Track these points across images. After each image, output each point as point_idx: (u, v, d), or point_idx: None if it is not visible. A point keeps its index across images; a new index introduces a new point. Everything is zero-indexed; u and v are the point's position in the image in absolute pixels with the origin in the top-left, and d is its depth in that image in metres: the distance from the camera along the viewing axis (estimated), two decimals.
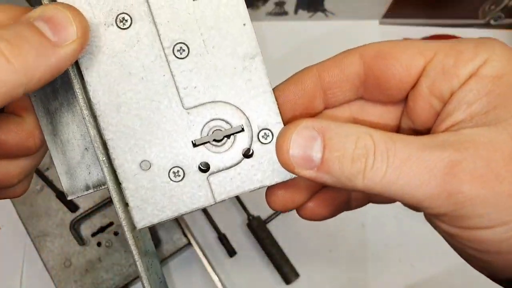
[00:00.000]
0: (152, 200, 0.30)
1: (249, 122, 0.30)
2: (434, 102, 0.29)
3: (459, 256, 0.35)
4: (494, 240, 0.26)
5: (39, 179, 0.67)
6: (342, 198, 0.36)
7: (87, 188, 0.33)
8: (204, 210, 0.71)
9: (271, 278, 0.70)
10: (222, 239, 0.70)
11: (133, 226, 0.30)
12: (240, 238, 0.71)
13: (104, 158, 0.29)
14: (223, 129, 0.30)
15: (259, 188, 0.30)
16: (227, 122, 0.30)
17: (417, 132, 0.31)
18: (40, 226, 0.66)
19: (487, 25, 0.78)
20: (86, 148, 0.33)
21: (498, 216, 0.25)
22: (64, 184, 0.33)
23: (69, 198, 0.33)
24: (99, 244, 0.66)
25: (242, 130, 0.30)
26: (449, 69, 0.28)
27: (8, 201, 0.67)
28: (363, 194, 0.36)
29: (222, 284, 0.65)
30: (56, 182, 0.67)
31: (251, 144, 0.30)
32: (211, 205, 0.30)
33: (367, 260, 0.71)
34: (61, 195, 0.67)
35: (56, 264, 0.65)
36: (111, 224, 0.66)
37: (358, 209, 0.37)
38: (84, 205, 0.67)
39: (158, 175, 0.30)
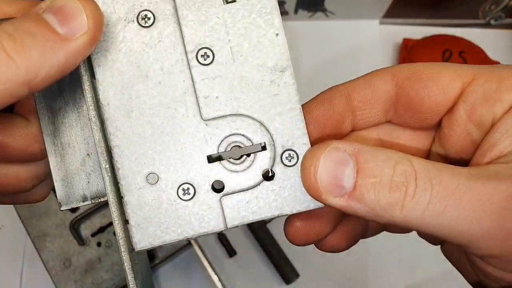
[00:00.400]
0: (155, 219, 0.27)
1: (273, 140, 0.27)
2: (472, 129, 0.27)
3: None
4: None
5: None
6: (361, 228, 0.33)
7: (84, 199, 0.30)
8: None
9: (271, 278, 0.69)
10: (222, 239, 0.70)
11: (131, 247, 0.27)
12: (240, 238, 0.71)
13: (107, 166, 0.26)
14: (242, 146, 0.27)
15: (278, 216, 0.27)
16: (248, 139, 0.27)
17: (449, 161, 0.29)
18: (40, 226, 0.66)
19: (487, 25, 0.78)
20: (88, 154, 0.30)
21: None
22: (59, 192, 0.30)
23: (62, 208, 0.30)
24: (99, 244, 0.66)
25: (264, 148, 0.27)
26: (491, 94, 0.25)
27: None
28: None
29: (222, 284, 0.65)
30: None
31: (272, 165, 0.27)
32: (222, 230, 0.27)
33: (367, 260, 0.71)
34: None
35: (56, 264, 0.65)
36: (111, 224, 0.66)
37: None
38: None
39: (165, 191, 0.27)
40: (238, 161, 0.27)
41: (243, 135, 0.27)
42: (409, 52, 0.75)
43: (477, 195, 0.22)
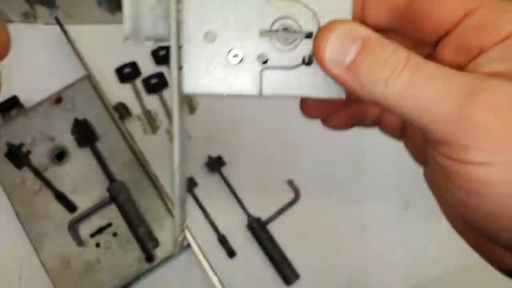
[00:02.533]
0: (204, 72, 0.30)
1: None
2: (460, 54, 0.29)
3: (460, 257, 0.35)
4: (487, 180, 0.25)
5: (37, 179, 0.67)
6: (360, 113, 0.38)
7: (148, 38, 0.32)
8: (204, 210, 0.71)
9: (271, 279, 0.69)
10: (222, 240, 0.69)
11: (180, 90, 0.30)
12: (240, 239, 0.70)
13: (174, 14, 0.29)
14: (292, 30, 0.30)
15: (304, 96, 0.31)
16: (299, 25, 0.30)
17: None
18: (39, 226, 0.66)
19: None
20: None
21: (501, 154, 0.24)
22: (128, 28, 0.32)
23: (127, 41, 0.32)
24: (98, 245, 0.65)
25: (309, 37, 0.30)
26: (488, 23, 0.27)
27: (6, 201, 0.67)
28: (376, 113, 0.38)
29: (222, 285, 0.65)
30: (55, 182, 0.67)
31: (313, 54, 0.30)
32: (256, 96, 0.30)
33: (367, 260, 0.70)
34: (59, 196, 0.67)
35: (55, 265, 0.64)
36: (110, 225, 0.66)
37: (357, 211, 0.36)
38: (83, 205, 0.67)
39: (218, 51, 0.30)
40: (285, 42, 0.30)
41: (295, 21, 0.30)
42: None
43: (449, 84, 0.25)
